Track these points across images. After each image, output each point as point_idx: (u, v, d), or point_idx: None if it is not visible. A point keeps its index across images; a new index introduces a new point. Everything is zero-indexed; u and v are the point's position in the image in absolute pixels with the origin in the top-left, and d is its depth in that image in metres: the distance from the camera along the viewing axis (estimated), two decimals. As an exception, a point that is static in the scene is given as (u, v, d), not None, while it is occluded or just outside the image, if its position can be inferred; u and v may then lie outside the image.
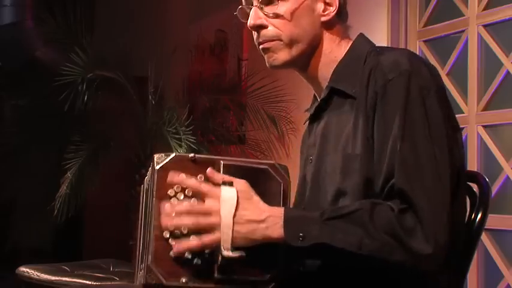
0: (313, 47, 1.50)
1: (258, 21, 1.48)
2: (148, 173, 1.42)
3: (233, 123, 4.51)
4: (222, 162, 1.34)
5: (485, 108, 3.04)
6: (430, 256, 1.25)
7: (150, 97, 4.13)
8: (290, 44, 1.47)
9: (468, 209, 1.49)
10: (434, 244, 1.25)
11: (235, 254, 1.28)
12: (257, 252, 1.30)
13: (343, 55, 1.49)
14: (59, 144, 4.12)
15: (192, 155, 1.34)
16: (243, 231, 1.28)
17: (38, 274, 3.08)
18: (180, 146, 3.77)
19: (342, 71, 1.48)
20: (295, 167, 1.63)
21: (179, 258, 1.30)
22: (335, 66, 1.49)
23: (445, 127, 1.35)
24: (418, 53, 3.38)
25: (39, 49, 4.76)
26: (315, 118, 1.54)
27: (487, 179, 1.52)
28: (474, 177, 1.54)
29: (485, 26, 3.05)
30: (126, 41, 4.83)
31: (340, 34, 1.52)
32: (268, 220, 1.29)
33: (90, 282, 2.96)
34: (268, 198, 1.33)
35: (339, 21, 1.52)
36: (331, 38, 1.50)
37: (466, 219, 1.47)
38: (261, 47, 1.50)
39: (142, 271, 1.32)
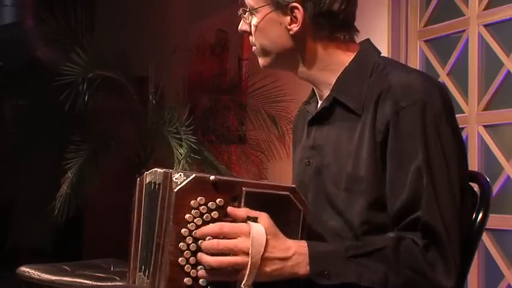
0: (290, 57, 1.51)
1: (243, 27, 1.55)
2: (153, 176, 1.38)
3: (233, 123, 4.51)
4: (244, 189, 1.29)
5: (486, 108, 3.03)
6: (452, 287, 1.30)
7: (150, 97, 4.13)
8: (262, 53, 1.53)
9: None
10: (455, 276, 1.30)
11: None
12: (277, 286, 1.29)
13: (347, 63, 1.49)
14: (59, 144, 4.12)
15: (213, 177, 1.29)
16: (269, 269, 1.27)
17: (39, 274, 3.07)
18: (181, 146, 3.77)
19: (346, 82, 1.47)
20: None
21: (194, 286, 1.28)
22: (339, 73, 1.49)
23: (457, 155, 1.38)
24: (418, 53, 3.38)
25: (40, 49, 4.76)
26: (314, 122, 1.54)
27: (487, 179, 1.52)
28: (475, 177, 1.55)
29: (485, 25, 3.04)
30: (126, 41, 4.83)
31: (330, 42, 1.50)
32: (293, 258, 1.28)
33: (90, 282, 2.96)
34: (288, 226, 1.31)
35: (322, 32, 1.49)
36: (315, 48, 1.50)
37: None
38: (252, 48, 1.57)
39: None
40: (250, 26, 1.52)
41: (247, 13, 1.52)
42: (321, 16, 1.47)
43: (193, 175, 1.29)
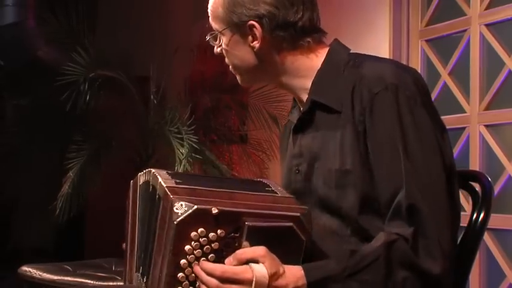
0: (262, 72, 1.54)
1: (217, 50, 1.59)
2: (144, 175, 1.37)
3: (235, 122, 4.50)
4: (247, 224, 1.26)
5: (487, 108, 3.03)
6: (442, 273, 1.29)
7: (152, 97, 4.13)
8: (236, 72, 1.58)
9: (470, 209, 1.49)
10: (442, 259, 1.29)
11: None
12: None
13: (320, 64, 1.50)
14: (60, 144, 4.12)
15: (215, 211, 1.25)
16: None
17: (40, 274, 3.08)
18: (182, 145, 3.77)
19: (321, 83, 1.48)
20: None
21: None
22: (314, 76, 1.50)
23: (435, 134, 1.38)
24: (420, 53, 3.38)
25: (41, 49, 4.76)
26: (298, 129, 1.54)
27: (489, 179, 1.52)
28: (476, 176, 1.54)
29: (487, 25, 3.04)
30: (128, 41, 4.83)
31: (295, 51, 1.51)
32: None
33: (92, 282, 2.96)
34: (289, 255, 1.29)
35: (283, 44, 1.50)
36: (282, 60, 1.51)
37: (467, 218, 1.47)
38: None
39: None
40: (222, 49, 1.57)
41: (216, 36, 1.57)
42: (279, 29, 1.48)
43: (195, 207, 1.25)
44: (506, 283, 2.89)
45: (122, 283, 2.95)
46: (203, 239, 1.25)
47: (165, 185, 1.30)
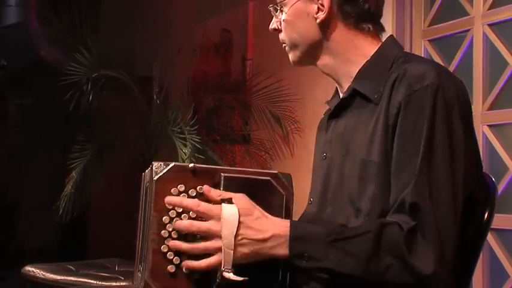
0: (319, 48, 1.52)
1: (273, 26, 1.57)
2: (147, 176, 1.39)
3: (238, 122, 4.50)
4: (222, 174, 1.30)
5: (491, 108, 3.03)
6: (432, 276, 1.25)
7: (154, 97, 4.13)
8: (292, 47, 1.55)
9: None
10: (438, 264, 1.25)
11: (237, 278, 1.25)
12: (259, 270, 1.28)
13: (370, 56, 1.50)
14: (63, 144, 4.12)
15: (191, 165, 1.31)
16: (246, 251, 1.27)
17: (44, 273, 3.09)
18: (185, 145, 3.77)
19: (367, 73, 1.48)
20: (299, 167, 1.64)
21: (177, 273, 1.28)
22: (361, 65, 1.49)
23: (465, 147, 1.35)
24: (423, 53, 3.37)
25: (44, 49, 4.76)
26: (334, 115, 1.55)
27: (492, 179, 1.52)
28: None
29: (490, 25, 3.04)
30: (131, 41, 4.84)
31: (351, 34, 1.51)
32: (272, 239, 1.28)
33: (95, 282, 2.97)
34: (270, 210, 1.31)
35: (348, 21, 1.51)
36: (339, 38, 1.51)
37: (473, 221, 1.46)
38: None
39: (141, 285, 1.29)
40: (280, 23, 1.54)
41: (277, 9, 1.54)
42: (347, 3, 1.49)
43: (173, 163, 1.31)
44: (509, 283, 2.88)
45: (125, 283, 2.95)
46: (183, 194, 1.30)
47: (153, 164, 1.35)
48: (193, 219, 1.29)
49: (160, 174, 1.29)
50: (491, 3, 3.04)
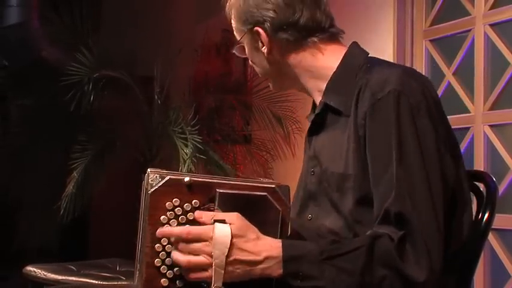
0: (281, 75, 1.57)
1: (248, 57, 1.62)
2: (145, 180, 1.37)
3: (239, 122, 4.51)
4: (218, 190, 1.29)
5: (492, 108, 3.03)
6: (425, 283, 1.25)
7: (156, 97, 4.13)
8: (264, 76, 1.61)
9: (475, 209, 1.48)
10: (429, 270, 1.25)
11: None
12: (251, 286, 1.28)
13: (335, 67, 1.49)
14: (64, 144, 4.13)
15: (187, 179, 1.29)
16: (238, 272, 1.27)
17: (45, 273, 3.09)
18: (186, 145, 3.77)
19: (335, 86, 1.48)
20: (300, 167, 1.63)
21: (170, 286, 1.29)
22: (329, 78, 1.50)
23: (436, 146, 1.34)
24: (424, 53, 3.37)
25: (45, 49, 4.76)
26: (312, 131, 1.56)
27: (493, 179, 1.52)
28: (481, 176, 1.54)
29: (491, 25, 3.04)
30: (132, 41, 4.84)
31: (304, 51, 1.52)
32: (266, 261, 1.28)
33: (96, 282, 2.97)
34: (266, 226, 1.30)
35: (291, 45, 1.51)
36: (296, 60, 1.53)
37: (471, 223, 1.46)
38: None
39: None
40: None
41: (242, 48, 1.60)
42: (281, 31, 1.50)
43: (168, 177, 1.29)
44: (510, 283, 2.88)
45: (125, 283, 2.96)
46: (177, 208, 1.29)
47: (148, 170, 1.34)
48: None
49: (156, 187, 1.28)
50: (492, 3, 3.04)
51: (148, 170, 1.36)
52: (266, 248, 1.28)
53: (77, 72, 3.84)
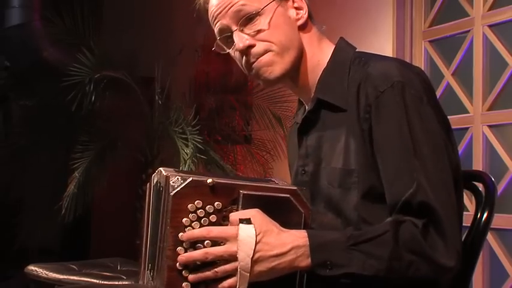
0: (300, 52, 1.49)
1: (247, 42, 1.46)
2: (159, 182, 1.35)
3: (239, 123, 4.52)
4: (241, 192, 1.27)
5: (491, 108, 3.04)
6: (453, 268, 1.27)
7: (156, 97, 4.15)
8: (282, 51, 1.46)
9: (474, 209, 1.49)
10: (456, 256, 1.27)
11: None
12: (274, 286, 1.26)
13: (326, 61, 1.49)
14: (66, 144, 4.14)
15: (210, 180, 1.26)
16: (265, 268, 1.24)
17: (47, 273, 3.10)
18: (187, 146, 3.79)
19: (327, 80, 1.47)
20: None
21: None
22: (320, 73, 1.49)
23: (441, 133, 1.36)
24: (423, 53, 3.39)
25: (47, 50, 4.78)
26: (303, 130, 1.52)
27: (492, 179, 1.52)
28: (480, 176, 1.55)
29: (490, 26, 3.06)
30: (133, 42, 4.85)
31: (317, 37, 1.52)
32: (291, 252, 1.25)
33: (98, 281, 2.98)
34: (288, 228, 1.28)
35: (313, 24, 1.52)
36: (310, 41, 1.51)
37: (470, 218, 1.48)
38: (255, 65, 1.47)
39: None
40: (254, 36, 1.46)
41: (253, 20, 1.46)
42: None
43: (191, 178, 1.25)
44: (509, 282, 2.90)
45: (127, 282, 2.97)
46: (200, 210, 1.26)
47: (165, 174, 1.30)
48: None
49: (178, 189, 1.25)
50: (491, 4, 3.06)
51: (161, 170, 1.32)
52: (291, 238, 1.26)
53: (78, 72, 3.85)
